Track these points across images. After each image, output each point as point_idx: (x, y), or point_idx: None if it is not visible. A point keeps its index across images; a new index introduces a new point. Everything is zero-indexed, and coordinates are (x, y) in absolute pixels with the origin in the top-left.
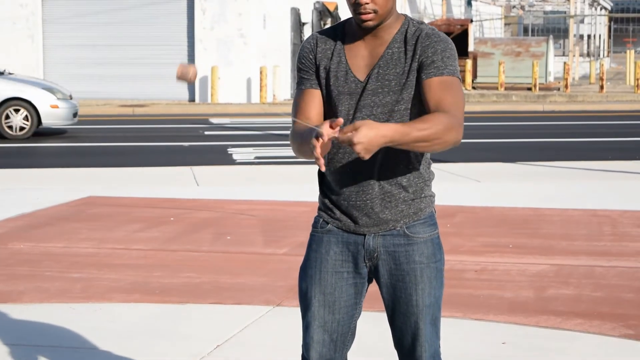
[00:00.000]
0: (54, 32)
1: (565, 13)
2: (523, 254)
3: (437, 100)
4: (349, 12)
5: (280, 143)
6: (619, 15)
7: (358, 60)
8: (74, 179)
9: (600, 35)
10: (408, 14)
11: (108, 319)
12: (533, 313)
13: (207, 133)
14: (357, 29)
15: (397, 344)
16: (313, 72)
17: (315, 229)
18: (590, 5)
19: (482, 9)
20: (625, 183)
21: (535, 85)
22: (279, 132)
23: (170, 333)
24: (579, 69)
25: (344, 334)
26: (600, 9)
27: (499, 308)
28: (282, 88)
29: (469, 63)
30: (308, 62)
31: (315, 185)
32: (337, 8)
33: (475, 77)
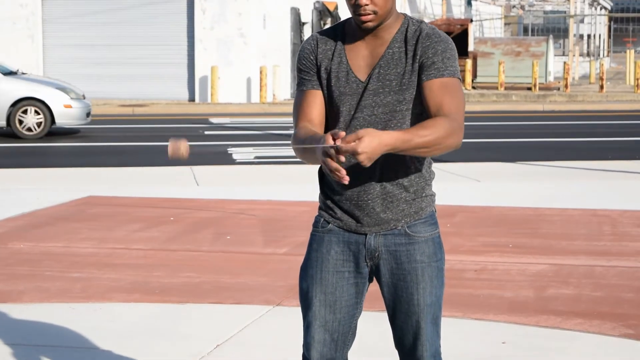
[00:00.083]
0: (54, 32)
1: (565, 13)
2: (523, 254)
3: (437, 104)
4: (349, 12)
5: (280, 143)
6: (619, 15)
7: (359, 61)
8: (74, 179)
9: (600, 35)
10: (408, 14)
11: (108, 319)
12: (533, 313)
13: (207, 133)
14: (357, 29)
15: (397, 344)
16: (314, 73)
17: (316, 229)
18: (590, 5)
19: (482, 9)
20: (625, 183)
21: (535, 85)
22: (279, 131)
23: (170, 333)
24: (579, 69)
25: (345, 334)
26: (600, 9)
27: (499, 308)
28: (282, 88)
29: (469, 63)
30: (309, 63)
31: (316, 185)
32: (337, 8)
33: (475, 76)
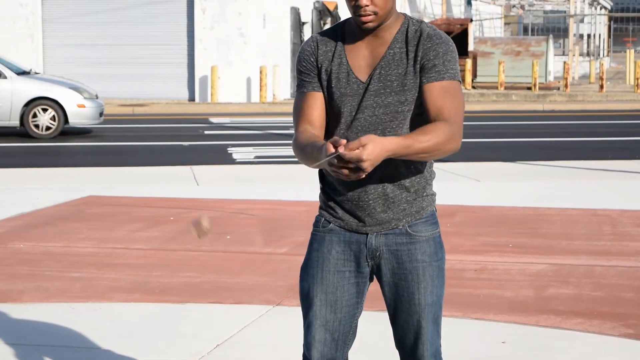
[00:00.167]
0: (54, 31)
1: (565, 12)
2: (523, 254)
3: (437, 107)
4: (349, 12)
5: (280, 142)
6: (619, 15)
7: (359, 61)
8: (74, 179)
9: (600, 35)
10: (408, 14)
11: (108, 319)
12: (533, 312)
13: (207, 132)
14: (357, 29)
15: (398, 343)
16: (314, 74)
17: (317, 228)
18: (590, 5)
19: (481, 9)
20: (625, 182)
21: (535, 85)
22: (279, 131)
23: (170, 332)
24: (579, 69)
25: (346, 333)
26: (600, 9)
27: (499, 307)
28: (282, 87)
29: (469, 62)
30: (309, 64)
31: (316, 185)
32: (337, 7)
33: (475, 76)
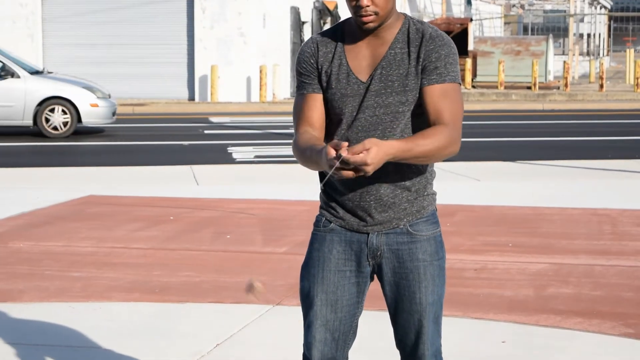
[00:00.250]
0: (54, 31)
1: (565, 12)
2: (523, 253)
3: (437, 111)
4: (350, 12)
5: (280, 142)
6: (619, 14)
7: (359, 61)
8: (74, 178)
9: (600, 34)
10: (408, 13)
11: (108, 318)
12: (533, 312)
13: (207, 132)
14: (357, 29)
15: (399, 343)
16: (314, 76)
17: (318, 228)
18: (590, 4)
19: (481, 8)
20: (625, 182)
21: (535, 84)
22: (279, 131)
23: (170, 332)
24: (579, 68)
25: (346, 333)
26: (600, 8)
27: (499, 307)
28: (281, 87)
29: (469, 62)
30: (309, 66)
31: (315, 185)
32: (336, 7)
33: (475, 76)
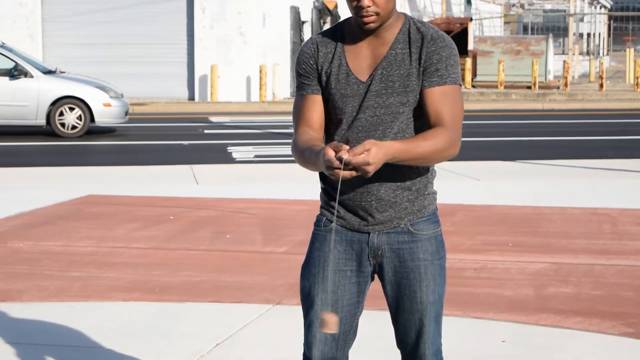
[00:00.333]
0: (54, 31)
1: (565, 11)
2: (523, 252)
3: (437, 113)
4: (349, 11)
5: (280, 142)
6: (619, 14)
7: (360, 61)
8: (74, 178)
9: (600, 34)
10: (408, 13)
11: (107, 318)
12: (533, 311)
13: (206, 132)
14: (357, 30)
15: (400, 342)
16: (314, 77)
17: (318, 228)
18: (590, 4)
19: (481, 8)
20: (625, 181)
21: (535, 84)
22: (279, 130)
23: (170, 331)
24: (579, 68)
25: (346, 332)
26: (600, 8)
27: (499, 306)
28: (281, 87)
29: (469, 61)
30: (308, 67)
31: (315, 184)
32: (336, 6)
33: (475, 75)
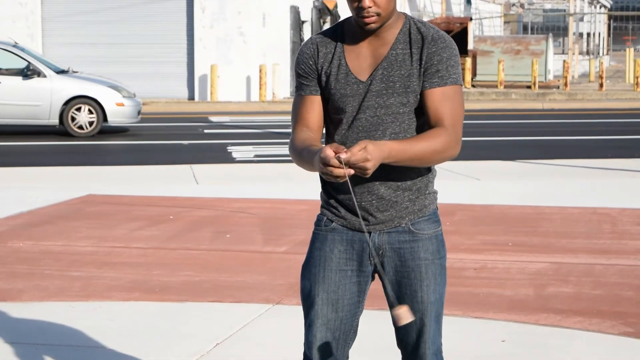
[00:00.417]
0: (54, 30)
1: (565, 11)
2: (522, 252)
3: (437, 114)
4: (349, 11)
5: (280, 141)
6: (619, 14)
7: (360, 61)
8: (74, 177)
9: (600, 34)
10: (408, 13)
11: (107, 318)
12: (533, 311)
13: (206, 131)
14: (357, 29)
15: (400, 342)
16: (313, 77)
17: (319, 227)
18: (590, 4)
19: (481, 7)
20: (625, 181)
21: (535, 84)
22: (279, 130)
23: (170, 331)
24: (579, 67)
25: (347, 332)
26: (600, 7)
27: (499, 306)
28: (281, 86)
29: (469, 61)
30: (308, 68)
31: (315, 184)
32: (336, 6)
33: (475, 75)
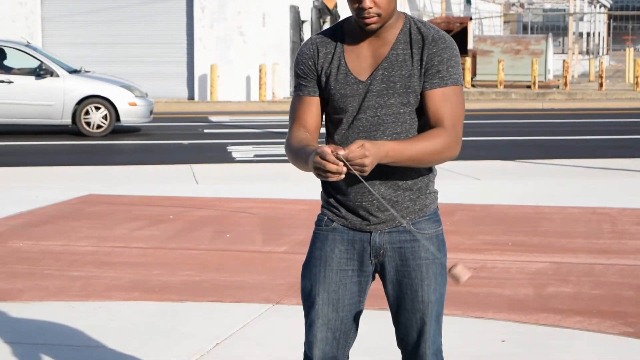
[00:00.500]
0: (53, 30)
1: (565, 11)
2: (522, 252)
3: (437, 115)
4: (349, 11)
5: (280, 141)
6: (619, 13)
7: (360, 61)
8: (75, 177)
9: (600, 33)
10: (408, 12)
11: (107, 317)
12: (532, 311)
13: (206, 131)
14: (357, 30)
15: (400, 342)
16: (312, 78)
17: (320, 227)
18: (590, 3)
19: (481, 7)
20: (625, 181)
21: (535, 83)
22: (279, 130)
23: (170, 331)
24: (578, 67)
25: (347, 332)
26: (600, 7)
27: (499, 306)
28: (281, 86)
29: (469, 61)
30: (307, 68)
31: (315, 184)
32: (336, 6)
33: (475, 74)
